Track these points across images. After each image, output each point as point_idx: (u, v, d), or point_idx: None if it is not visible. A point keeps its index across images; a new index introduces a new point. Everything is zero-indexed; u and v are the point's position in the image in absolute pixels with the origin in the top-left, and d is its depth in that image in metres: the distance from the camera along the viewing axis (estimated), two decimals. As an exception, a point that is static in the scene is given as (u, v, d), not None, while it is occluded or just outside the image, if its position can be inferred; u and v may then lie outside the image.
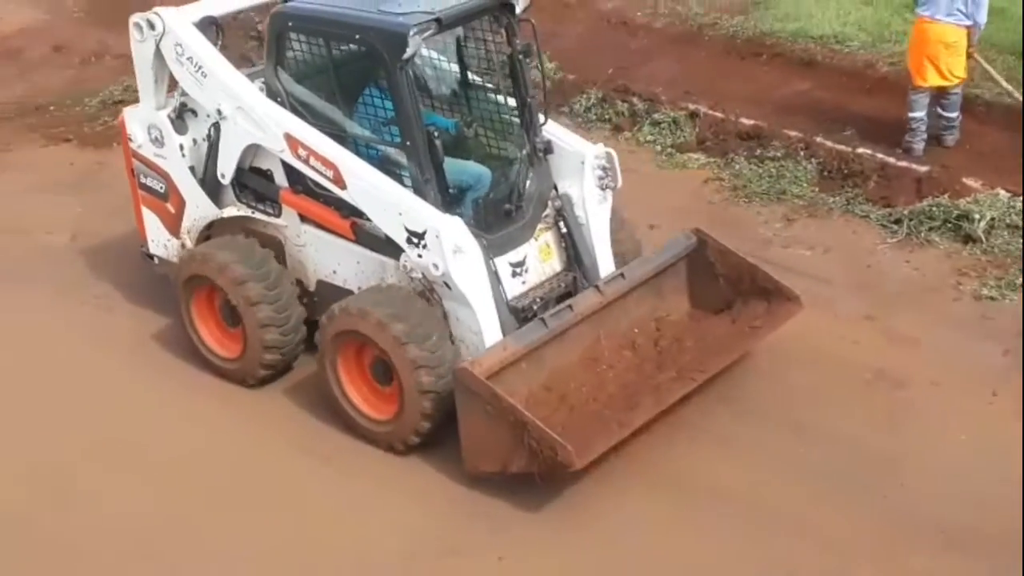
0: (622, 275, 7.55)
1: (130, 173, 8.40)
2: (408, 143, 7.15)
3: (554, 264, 7.68)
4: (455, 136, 7.74)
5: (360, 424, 7.34)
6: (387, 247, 7.25)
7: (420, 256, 6.97)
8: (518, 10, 7.39)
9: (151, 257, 8.57)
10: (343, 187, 7.20)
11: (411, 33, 6.79)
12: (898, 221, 9.39)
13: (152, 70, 7.88)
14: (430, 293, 7.12)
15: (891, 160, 10.16)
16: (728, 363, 7.50)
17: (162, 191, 8.20)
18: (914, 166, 10.05)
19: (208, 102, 7.69)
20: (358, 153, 7.31)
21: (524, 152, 7.63)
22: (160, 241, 8.42)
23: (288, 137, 7.34)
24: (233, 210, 7.97)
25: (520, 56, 7.46)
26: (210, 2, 8.09)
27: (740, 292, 7.83)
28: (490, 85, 7.85)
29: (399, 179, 7.21)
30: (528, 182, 7.61)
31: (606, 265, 7.73)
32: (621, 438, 6.80)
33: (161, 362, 8.17)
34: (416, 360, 6.85)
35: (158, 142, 8.04)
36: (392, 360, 6.95)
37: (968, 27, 9.99)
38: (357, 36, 7.22)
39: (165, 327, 8.46)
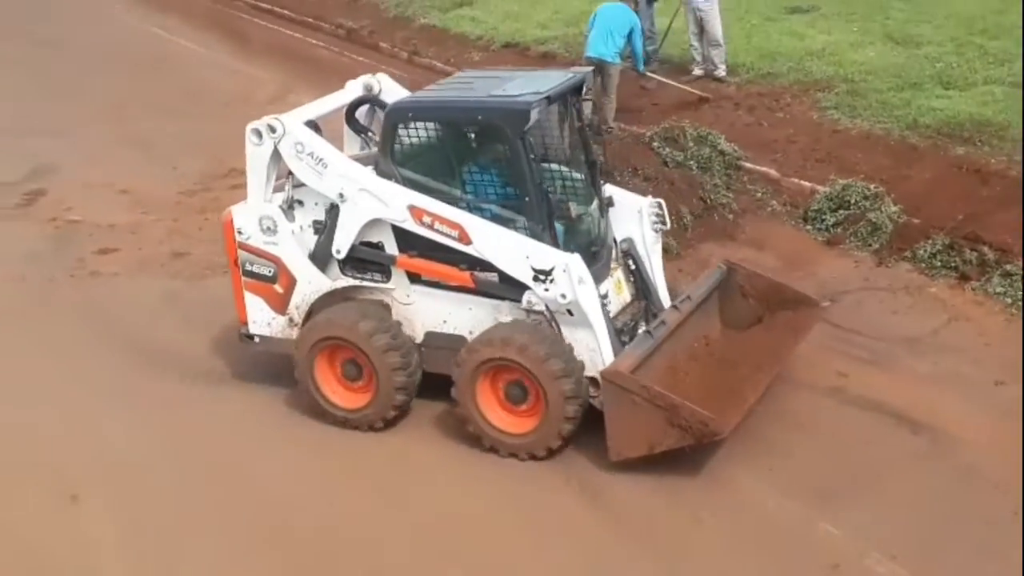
0: (688, 297, 9.07)
1: (233, 263, 9.19)
2: (527, 199, 8.41)
3: (626, 296, 9.05)
4: None
5: (496, 439, 8.49)
6: (503, 290, 8.46)
7: (547, 290, 8.18)
8: (583, 91, 8.94)
9: (251, 338, 9.37)
10: (468, 243, 8.36)
11: (533, 108, 8.11)
12: None
13: (267, 169, 8.88)
14: (550, 323, 8.31)
15: None
16: (788, 356, 9.05)
17: (270, 274, 9.09)
18: None
19: (329, 189, 8.69)
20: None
21: (594, 205, 9.02)
22: (263, 321, 9.26)
23: (412, 208, 8.44)
24: (344, 281, 8.95)
25: (586, 127, 9.05)
26: (310, 107, 9.35)
27: (768, 306, 9.39)
28: (562, 155, 9.08)
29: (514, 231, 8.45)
30: (601, 229, 9.04)
31: (663, 293, 9.22)
32: (749, 409, 8.22)
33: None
34: (561, 377, 8.09)
35: (270, 231, 8.97)
36: (538, 379, 8.14)
37: None
38: (479, 117, 8.65)
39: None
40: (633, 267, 9.15)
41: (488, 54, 18.44)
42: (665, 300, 9.17)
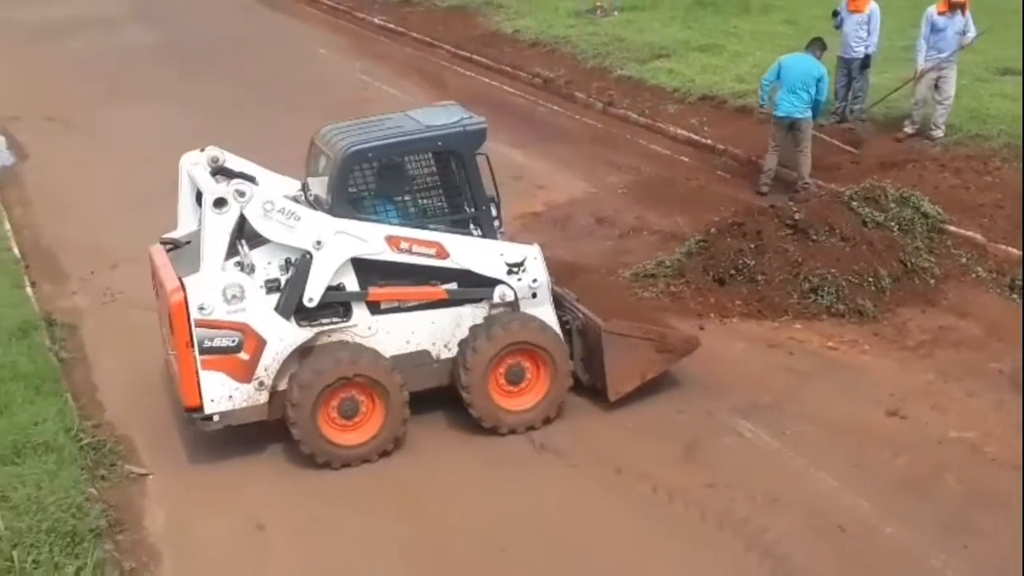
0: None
1: (186, 346, 8.83)
2: (484, 208, 9.52)
3: None
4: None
5: (507, 418, 9.52)
6: (469, 294, 9.48)
7: (520, 279, 9.47)
8: None
9: (208, 419, 9.05)
10: (446, 257, 9.26)
11: (487, 128, 9.38)
12: None
13: (230, 237, 8.90)
14: (515, 310, 9.54)
15: None
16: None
17: (234, 344, 8.90)
18: None
19: (302, 240, 8.96)
20: None
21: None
22: (223, 396, 9.01)
23: (389, 238, 9.12)
24: (309, 331, 9.15)
25: None
26: (183, 187, 9.81)
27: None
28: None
29: None
30: None
31: None
32: None
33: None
34: (565, 350, 9.61)
35: (236, 299, 8.84)
36: (552, 354, 9.47)
37: None
38: (439, 143, 9.47)
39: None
40: None
41: (683, 106, 18.47)
42: None
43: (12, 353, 10.86)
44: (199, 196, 9.48)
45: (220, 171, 9.60)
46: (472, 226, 9.55)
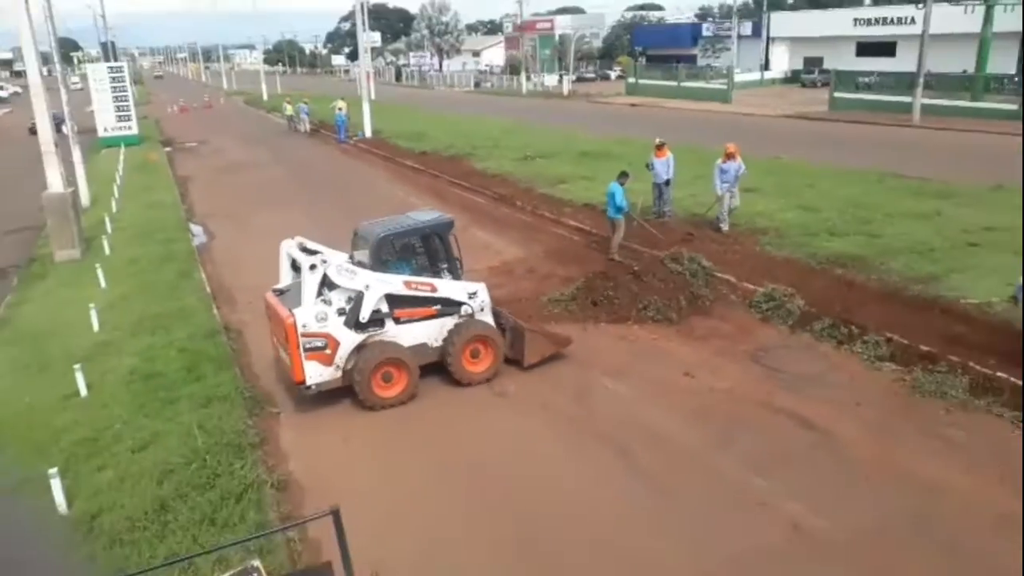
0: None
1: (296, 348, 8.74)
2: (454, 263, 9.49)
3: None
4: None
5: (472, 377, 9.44)
6: (447, 311, 9.34)
7: (475, 301, 9.43)
8: None
9: (308, 388, 8.95)
10: (435, 291, 9.25)
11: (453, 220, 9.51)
12: None
13: (318, 286, 8.81)
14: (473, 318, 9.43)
15: None
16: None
17: (322, 345, 8.82)
18: None
19: (358, 285, 8.92)
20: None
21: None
22: (317, 374, 8.92)
23: (405, 282, 9.12)
24: (365, 335, 9.00)
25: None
26: (283, 270, 9.78)
27: None
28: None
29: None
30: None
31: None
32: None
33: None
34: (501, 340, 9.56)
35: (323, 320, 8.79)
36: (495, 341, 9.47)
37: None
38: (428, 230, 9.42)
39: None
40: None
41: (574, 209, 18.39)
42: None
43: (206, 346, 10.80)
44: (293, 263, 9.54)
45: (304, 249, 9.57)
46: (447, 273, 9.57)
